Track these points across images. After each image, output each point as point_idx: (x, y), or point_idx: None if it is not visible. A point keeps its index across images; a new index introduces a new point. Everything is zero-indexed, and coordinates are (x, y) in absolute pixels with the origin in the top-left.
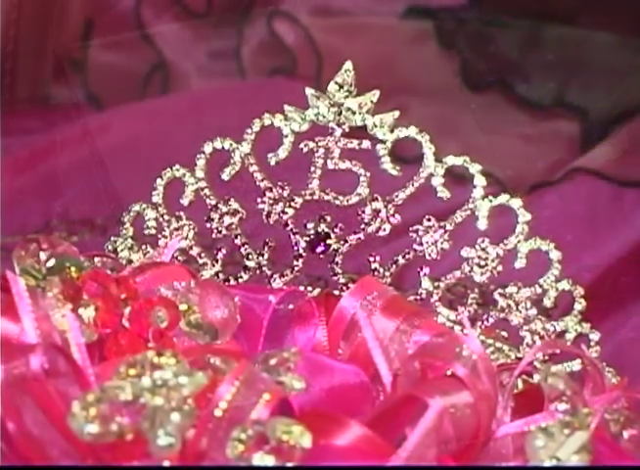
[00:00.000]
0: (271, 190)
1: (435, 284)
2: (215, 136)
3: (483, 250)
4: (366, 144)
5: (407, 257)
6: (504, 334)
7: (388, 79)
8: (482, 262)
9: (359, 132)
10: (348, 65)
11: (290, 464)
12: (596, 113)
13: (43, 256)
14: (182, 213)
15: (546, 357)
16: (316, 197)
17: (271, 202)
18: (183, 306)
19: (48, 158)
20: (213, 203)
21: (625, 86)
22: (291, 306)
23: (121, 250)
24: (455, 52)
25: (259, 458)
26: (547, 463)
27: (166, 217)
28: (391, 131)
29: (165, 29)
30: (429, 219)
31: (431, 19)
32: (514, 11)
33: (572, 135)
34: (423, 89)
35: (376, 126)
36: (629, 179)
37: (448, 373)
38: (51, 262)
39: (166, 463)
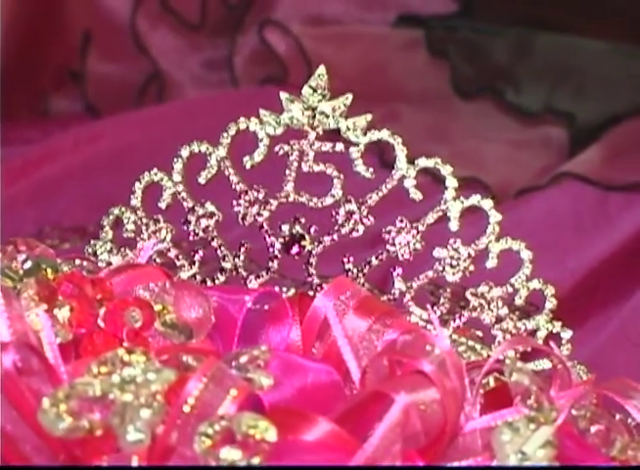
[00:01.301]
0: (247, 193)
1: (408, 284)
2: None
3: (455, 250)
4: (339, 147)
5: (380, 257)
6: (479, 333)
7: (379, 87)
8: (454, 262)
9: (333, 135)
10: (322, 69)
11: (256, 459)
12: (584, 119)
13: (20, 258)
14: (160, 216)
15: (518, 356)
16: (291, 199)
17: (247, 204)
18: (158, 307)
19: (42, 166)
20: (190, 206)
21: (614, 92)
22: (266, 307)
23: (101, 253)
24: (445, 60)
25: (226, 453)
26: (513, 458)
27: (145, 220)
28: (364, 134)
29: (160, 40)
30: (401, 220)
31: (421, 27)
32: (504, 19)
33: (561, 141)
34: (413, 96)
35: (349, 129)
36: (614, 183)
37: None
38: (28, 264)
39: (135, 459)
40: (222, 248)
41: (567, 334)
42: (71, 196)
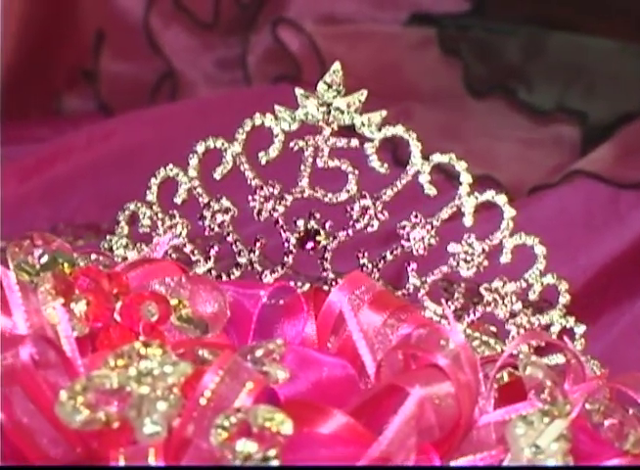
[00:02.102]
0: (262, 188)
1: (423, 279)
2: None
3: (469, 245)
4: (354, 142)
5: (395, 252)
6: (493, 328)
7: (392, 85)
8: (469, 258)
9: (348, 131)
10: (337, 65)
11: (272, 451)
12: (596, 117)
13: (37, 252)
14: (175, 212)
15: (532, 350)
16: (306, 195)
17: (262, 200)
18: (174, 301)
19: (54, 164)
20: (206, 201)
21: (625, 91)
22: (281, 302)
23: (117, 248)
24: (458, 58)
25: (242, 445)
26: (527, 451)
27: (160, 216)
28: (379, 130)
29: (174, 39)
30: (416, 216)
31: (434, 26)
32: (516, 18)
33: (573, 140)
34: (426, 95)
35: (364, 125)
36: (626, 181)
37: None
38: (44, 259)
39: (152, 452)
40: (237, 243)
41: (580, 329)
42: (84, 194)
